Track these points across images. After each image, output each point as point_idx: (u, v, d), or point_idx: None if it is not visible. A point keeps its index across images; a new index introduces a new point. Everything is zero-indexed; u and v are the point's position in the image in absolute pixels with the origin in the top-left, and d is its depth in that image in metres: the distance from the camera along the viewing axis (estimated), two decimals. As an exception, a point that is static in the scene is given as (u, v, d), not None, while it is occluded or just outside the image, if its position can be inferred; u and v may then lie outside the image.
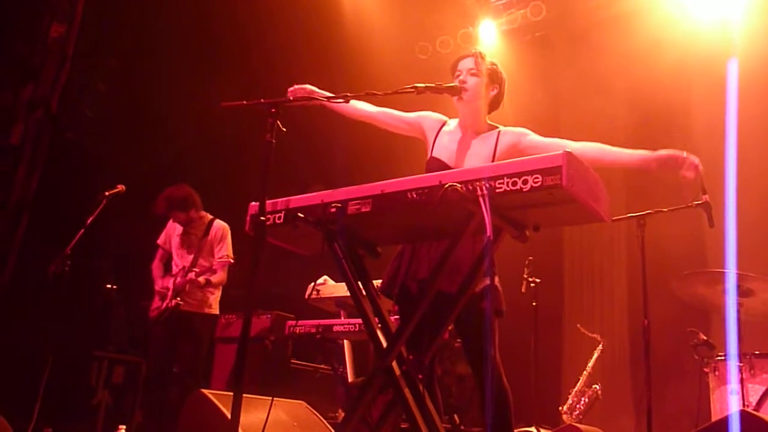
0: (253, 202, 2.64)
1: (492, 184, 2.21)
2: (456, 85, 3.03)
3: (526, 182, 2.17)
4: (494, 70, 3.14)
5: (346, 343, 4.96)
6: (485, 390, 2.77)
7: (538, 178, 2.15)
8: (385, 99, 3.15)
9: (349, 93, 3.08)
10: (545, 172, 2.14)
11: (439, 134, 3.12)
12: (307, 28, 6.71)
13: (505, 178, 2.20)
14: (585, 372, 5.38)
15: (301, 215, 2.53)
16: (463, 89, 3.03)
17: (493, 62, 3.15)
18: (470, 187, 2.24)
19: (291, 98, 2.69)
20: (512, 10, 7.20)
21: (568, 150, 2.19)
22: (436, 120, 3.19)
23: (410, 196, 2.35)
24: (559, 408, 5.33)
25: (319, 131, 6.77)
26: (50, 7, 5.88)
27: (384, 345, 2.49)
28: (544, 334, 5.64)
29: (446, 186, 2.26)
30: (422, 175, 2.40)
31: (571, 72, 6.82)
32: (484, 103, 3.11)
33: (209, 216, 5.42)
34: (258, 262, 2.57)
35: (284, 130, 2.64)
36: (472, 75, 3.08)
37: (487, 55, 3.15)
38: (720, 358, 4.28)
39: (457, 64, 3.15)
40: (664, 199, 4.23)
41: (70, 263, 4.38)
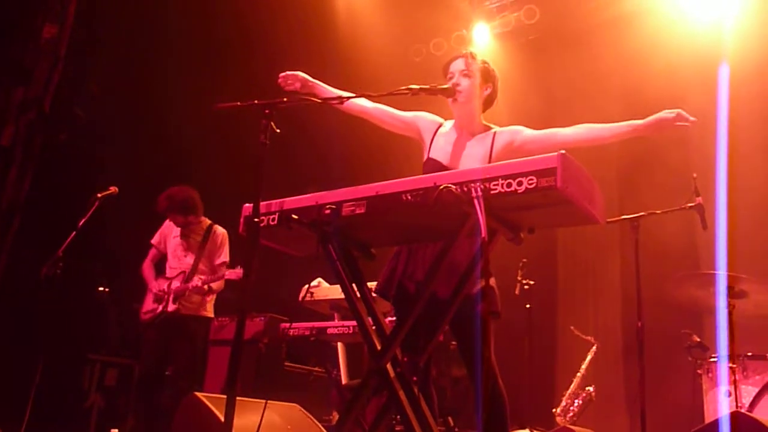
0: (247, 204, 2.63)
1: (487, 186, 2.21)
2: (450, 87, 3.03)
3: (521, 184, 2.17)
4: (486, 68, 3.13)
5: (339, 346, 4.95)
6: (479, 391, 2.77)
7: (532, 180, 2.15)
8: (380, 100, 3.16)
9: (344, 94, 3.09)
10: (540, 174, 2.14)
11: (436, 135, 3.12)
12: (302, 30, 6.71)
13: (500, 180, 2.20)
14: (579, 374, 5.38)
15: (296, 217, 2.52)
16: (457, 91, 3.03)
17: (485, 60, 3.15)
18: (465, 189, 2.23)
19: (285, 99, 2.68)
20: (506, 13, 7.21)
21: (563, 150, 2.19)
22: (433, 121, 3.18)
23: (405, 198, 2.34)
24: (553, 410, 5.33)
25: (314, 133, 6.78)
26: (43, 7, 5.86)
27: (378, 347, 2.48)
28: (537, 336, 5.64)
29: (441, 187, 2.26)
30: (417, 177, 2.39)
31: (565, 75, 6.83)
32: (478, 103, 3.11)
33: (208, 221, 5.40)
34: (252, 264, 2.56)
35: (278, 131, 2.63)
36: (464, 76, 3.07)
37: (477, 54, 3.15)
38: (713, 359, 4.29)
39: (449, 65, 3.14)
40: (658, 202, 4.24)
41: (63, 265, 4.35)
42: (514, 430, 4.63)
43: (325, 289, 4.59)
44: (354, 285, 2.59)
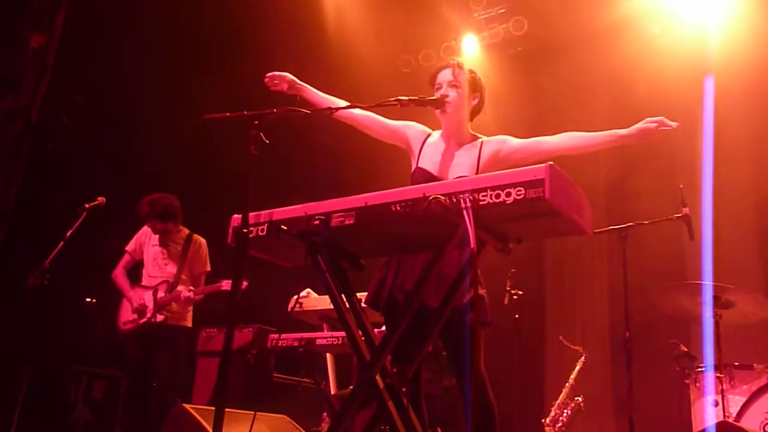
0: (236, 215, 2.63)
1: (475, 197, 2.22)
2: (439, 98, 3.04)
3: (509, 195, 2.18)
4: (474, 78, 3.15)
5: (328, 357, 4.93)
6: (468, 402, 2.76)
7: (521, 191, 2.16)
8: (369, 110, 3.17)
9: (332, 98, 3.12)
10: (528, 185, 2.15)
11: (424, 145, 3.13)
12: (291, 40, 6.72)
13: (488, 191, 2.21)
14: (567, 384, 5.38)
15: (285, 227, 2.52)
16: (445, 102, 3.04)
17: (472, 70, 3.16)
18: (454, 200, 2.25)
19: (275, 110, 2.68)
20: (494, 25, 7.26)
21: (548, 158, 2.21)
22: (421, 131, 3.19)
23: (394, 209, 2.35)
24: (542, 420, 5.32)
25: (303, 143, 6.78)
26: (30, 17, 5.83)
27: (368, 358, 2.48)
28: (526, 347, 5.65)
29: (430, 198, 2.27)
30: (406, 188, 2.39)
31: (553, 86, 6.88)
32: (466, 113, 3.13)
33: (186, 230, 5.42)
34: (240, 275, 2.55)
35: (267, 142, 2.64)
36: (452, 87, 3.08)
37: (465, 64, 3.17)
38: (701, 369, 4.31)
39: (436, 76, 3.15)
40: (646, 212, 4.27)
41: (50, 276, 4.33)
42: (504, 441, 4.62)
43: (314, 300, 4.58)
44: (343, 296, 2.59)
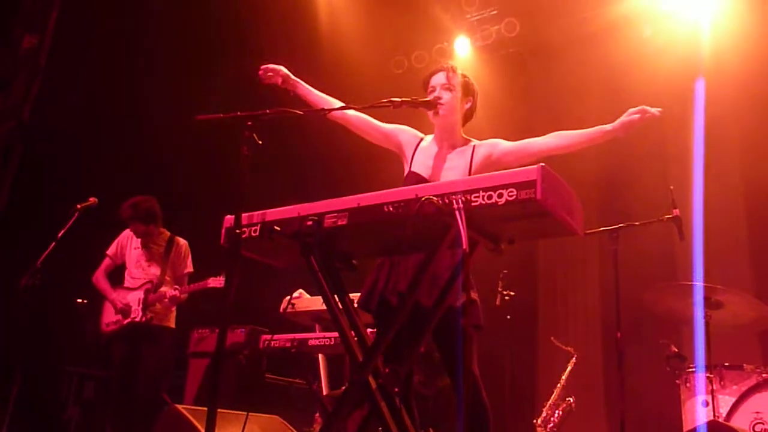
0: (229, 215, 2.63)
1: (468, 198, 2.23)
2: (432, 100, 3.05)
3: (501, 196, 2.19)
4: (467, 82, 3.16)
5: (320, 357, 4.93)
6: (463, 403, 2.77)
7: (512, 192, 2.17)
8: (362, 112, 3.18)
9: (326, 96, 3.12)
10: (520, 186, 2.17)
11: (417, 149, 3.13)
12: (283, 41, 6.72)
13: (480, 192, 2.22)
14: (559, 384, 5.40)
15: (278, 228, 2.52)
16: (438, 104, 3.05)
17: (465, 74, 3.18)
18: (446, 201, 2.26)
19: (268, 111, 2.69)
20: (486, 26, 7.28)
21: (538, 158, 2.23)
22: (414, 135, 3.20)
23: (387, 209, 2.35)
24: (534, 421, 5.34)
25: (296, 144, 6.78)
26: (22, 18, 5.82)
27: (360, 359, 2.48)
28: (518, 347, 5.66)
29: (423, 199, 2.28)
30: (398, 189, 2.40)
31: (545, 88, 6.91)
32: (459, 116, 3.14)
33: (168, 232, 5.46)
34: (233, 275, 2.55)
35: (260, 142, 2.64)
36: (445, 90, 3.09)
37: (458, 68, 3.18)
38: (691, 369, 4.33)
39: (430, 79, 3.15)
40: (637, 213, 4.29)
41: (42, 276, 4.32)
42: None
43: (307, 301, 4.57)
44: (336, 296, 2.59)
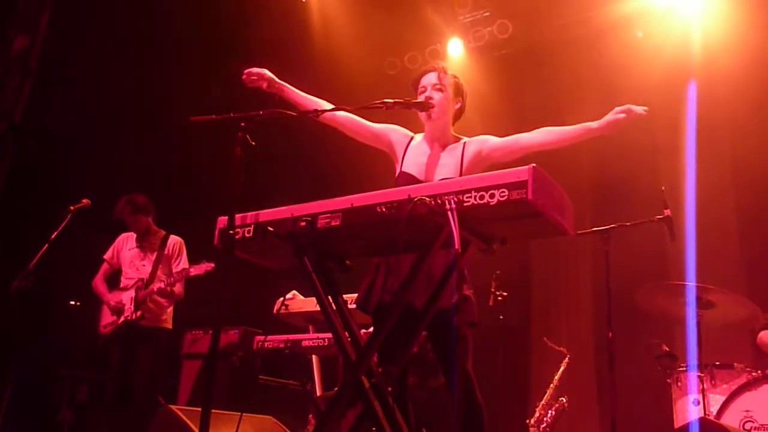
0: (222, 216, 2.63)
1: (460, 198, 2.25)
2: (424, 101, 3.07)
3: (493, 196, 2.21)
4: (457, 83, 3.18)
5: (314, 358, 4.94)
6: (455, 402, 2.78)
7: (504, 192, 2.19)
8: (354, 113, 3.18)
9: (314, 98, 3.13)
10: (511, 186, 2.18)
11: (408, 149, 3.14)
12: (276, 42, 6.72)
13: (472, 192, 2.24)
14: (552, 385, 5.42)
15: (271, 229, 2.53)
16: (431, 105, 3.07)
17: (455, 75, 3.19)
18: (439, 201, 2.27)
19: (261, 112, 2.69)
20: (479, 28, 7.30)
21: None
22: (404, 135, 3.21)
23: (379, 210, 2.37)
24: (527, 421, 5.36)
25: (289, 145, 6.78)
26: (14, 20, 5.81)
27: (354, 359, 2.49)
28: (511, 348, 5.68)
29: (415, 200, 2.29)
30: (391, 189, 2.41)
31: (538, 89, 6.94)
32: (450, 116, 3.16)
33: (163, 231, 5.49)
34: (226, 276, 2.56)
35: (253, 144, 2.65)
36: (437, 90, 3.11)
37: (448, 68, 3.20)
38: (682, 369, 4.36)
39: (420, 79, 3.17)
40: (628, 214, 4.31)
41: (34, 279, 4.31)
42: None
43: (300, 302, 4.58)
44: (329, 297, 2.60)
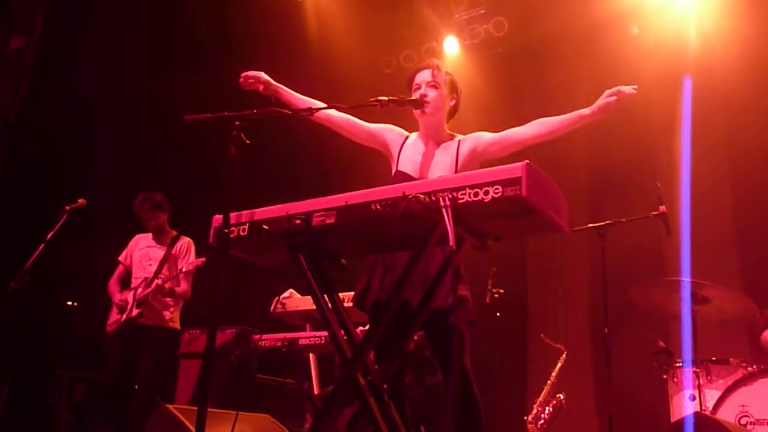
0: (217, 215, 2.64)
1: (454, 195, 2.25)
2: (419, 98, 3.07)
3: (487, 193, 2.21)
4: (452, 80, 3.19)
5: (311, 357, 4.94)
6: (453, 399, 2.79)
7: (498, 189, 2.19)
8: (349, 112, 3.19)
9: (309, 100, 3.13)
10: (505, 183, 2.18)
11: (403, 148, 3.15)
12: (271, 40, 6.72)
13: (467, 189, 2.24)
14: (549, 381, 5.43)
15: (266, 227, 2.53)
16: (425, 102, 3.07)
17: (449, 72, 3.19)
18: (433, 198, 2.27)
19: (255, 111, 2.70)
20: (474, 26, 7.30)
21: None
22: (399, 134, 3.21)
23: (374, 208, 2.37)
24: (524, 418, 5.37)
25: (283, 143, 6.78)
26: (9, 19, 5.81)
27: (350, 357, 2.49)
28: (508, 345, 5.69)
29: (410, 197, 2.29)
30: (386, 187, 2.42)
31: (534, 86, 6.94)
32: (444, 114, 3.16)
33: (174, 231, 5.50)
34: (222, 275, 2.56)
35: (248, 142, 2.65)
36: (431, 87, 3.11)
37: (443, 65, 3.20)
38: (678, 364, 4.37)
39: (414, 76, 3.17)
40: (624, 210, 4.32)
41: (30, 279, 4.31)
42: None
43: (297, 300, 4.58)
44: (325, 295, 2.60)
